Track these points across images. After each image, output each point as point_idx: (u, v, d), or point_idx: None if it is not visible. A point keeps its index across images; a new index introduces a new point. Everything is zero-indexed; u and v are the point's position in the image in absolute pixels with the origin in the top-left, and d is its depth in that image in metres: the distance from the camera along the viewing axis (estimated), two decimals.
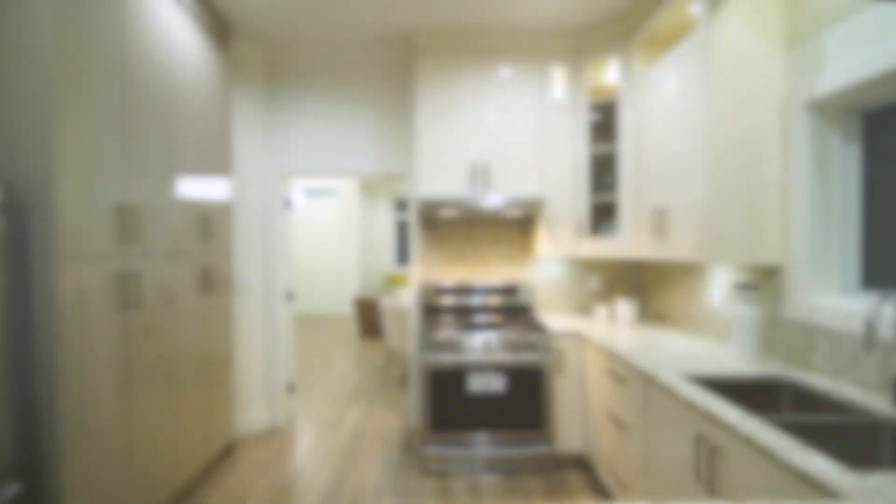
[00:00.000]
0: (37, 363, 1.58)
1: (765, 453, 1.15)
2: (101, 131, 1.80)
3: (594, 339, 2.50)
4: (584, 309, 3.34)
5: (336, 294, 8.91)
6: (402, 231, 9.86)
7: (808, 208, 1.84)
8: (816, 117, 1.83)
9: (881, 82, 1.56)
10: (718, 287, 2.41)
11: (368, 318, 6.64)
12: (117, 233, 1.89)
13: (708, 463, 1.42)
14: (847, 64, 1.64)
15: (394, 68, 3.35)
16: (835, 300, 1.78)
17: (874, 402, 1.43)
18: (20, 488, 1.52)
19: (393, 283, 9.13)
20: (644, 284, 3.29)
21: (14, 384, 1.52)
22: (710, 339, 2.42)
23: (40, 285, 1.58)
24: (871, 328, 1.30)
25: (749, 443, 1.21)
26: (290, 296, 3.47)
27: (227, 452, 2.93)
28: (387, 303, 4.38)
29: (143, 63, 2.06)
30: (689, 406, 1.53)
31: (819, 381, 1.66)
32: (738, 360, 1.97)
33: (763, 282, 2.08)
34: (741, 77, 1.96)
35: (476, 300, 3.26)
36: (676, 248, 2.26)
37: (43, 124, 1.57)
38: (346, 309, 8.89)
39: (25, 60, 1.57)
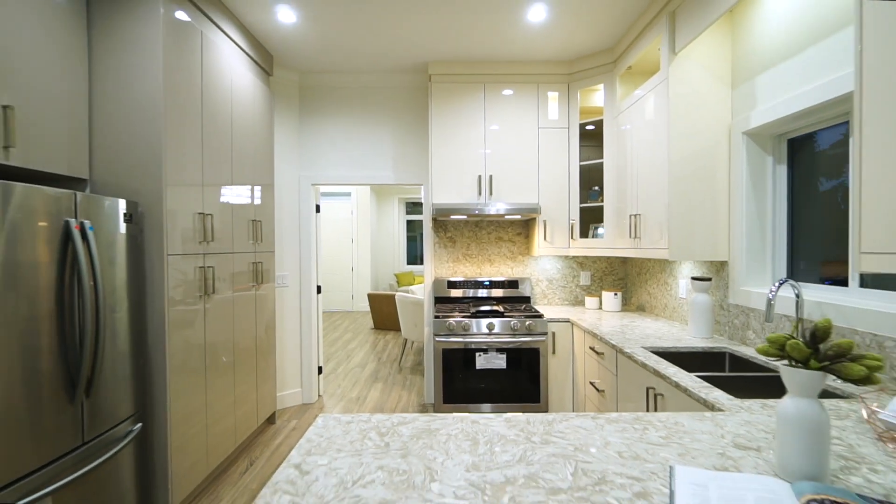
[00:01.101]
0: (151, 334, 2.10)
1: (686, 391, 1.64)
2: (188, 156, 2.32)
3: (581, 324, 2.98)
4: (576, 300, 3.83)
5: (349, 291, 9.43)
6: (411, 231, 10.36)
7: (746, 216, 2.32)
8: (752, 143, 2.31)
9: (795, 118, 2.04)
10: (683, 280, 2.89)
11: (382, 311, 7.15)
12: (198, 235, 2.40)
13: (654, 404, 1.90)
14: (771, 104, 2.11)
15: (409, 91, 3.85)
16: (765, 288, 2.25)
17: (780, 364, 1.91)
18: (141, 427, 2.03)
19: (403, 281, 9.63)
20: (628, 279, 3.77)
21: (134, 351, 2.03)
22: (678, 323, 2.90)
23: (153, 274, 2.09)
24: (770, 306, 1.77)
25: (677, 386, 1.70)
26: (319, 289, 3.97)
27: (271, 421, 3.44)
28: (401, 296, 4.88)
29: (214, 97, 2.57)
30: (643, 367, 2.01)
31: (747, 350, 2.14)
32: (693, 337, 2.45)
33: (714, 275, 2.56)
34: (695, 108, 2.44)
35: (482, 292, 3.75)
36: (648, 248, 2.74)
37: (155, 155, 2.08)
38: (360, 305, 9.41)
39: (144, 109, 2.08)
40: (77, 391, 1.66)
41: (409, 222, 10.50)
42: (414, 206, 10.57)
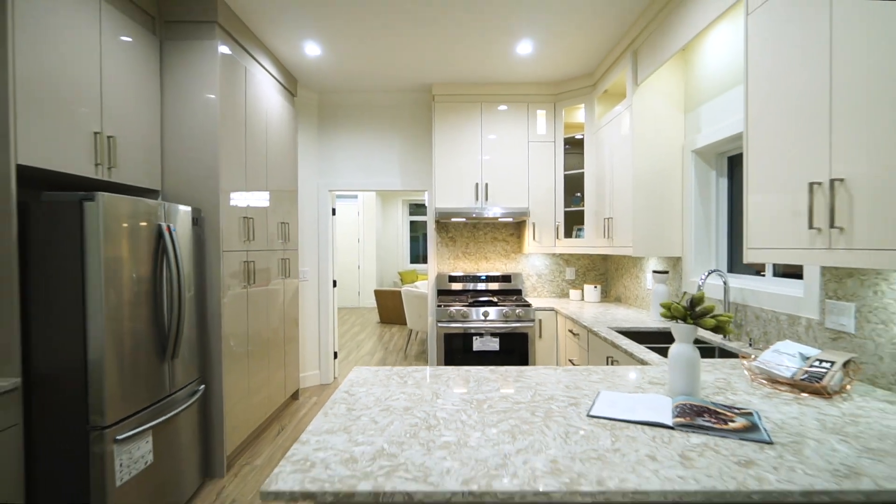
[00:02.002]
0: (210, 314, 2.60)
1: (631, 355, 2.13)
2: (235, 169, 2.82)
3: (563, 312, 3.47)
4: (562, 293, 4.33)
5: (356, 288, 9.93)
6: (413, 231, 10.86)
7: (695, 219, 2.81)
8: (699, 160, 2.80)
9: (728, 141, 2.53)
10: (649, 273, 3.38)
11: (388, 306, 7.65)
12: (243, 234, 2.91)
13: None
14: (711, 128, 2.61)
15: (414, 108, 4.35)
16: (714, 280, 2.74)
17: (715, 339, 2.41)
18: (204, 388, 2.53)
19: (406, 279, 10.12)
20: (607, 274, 4.26)
21: (199, 327, 2.54)
22: (645, 310, 3.39)
23: (211, 266, 2.60)
24: (699, 291, 2.26)
25: (625, 352, 2.20)
26: (335, 283, 4.48)
27: (295, 397, 3.95)
28: (407, 290, 5.38)
29: (253, 118, 3.08)
30: (605, 340, 2.51)
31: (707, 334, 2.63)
32: (653, 321, 2.95)
33: (671, 268, 3.05)
34: (655, 130, 2.93)
35: (479, 286, 4.25)
36: (618, 247, 3.23)
37: (213, 170, 2.59)
38: (366, 301, 9.91)
39: (204, 132, 2.59)
40: (166, 353, 2.17)
41: (411, 223, 10.99)
42: (416, 208, 11.06)
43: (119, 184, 2.24)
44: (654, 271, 3.01)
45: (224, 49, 2.68)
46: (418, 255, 11.16)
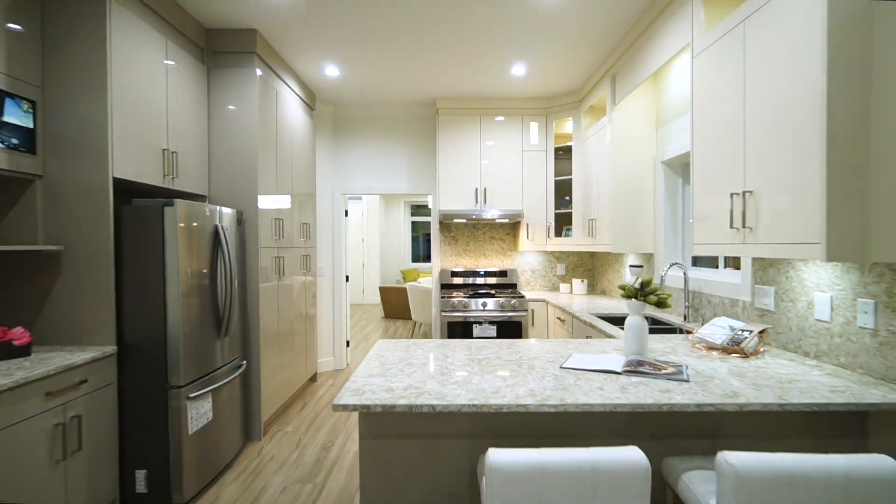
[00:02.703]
0: (249, 301, 3.05)
1: (602, 332, 2.59)
2: (269, 177, 3.27)
3: (553, 303, 3.93)
4: (553, 286, 4.78)
5: (361, 285, 10.38)
6: (414, 231, 11.30)
7: (664, 221, 3.27)
8: (668, 170, 3.26)
9: (689, 155, 2.99)
10: (627, 268, 3.84)
11: (392, 302, 8.11)
12: (275, 233, 3.36)
13: None
14: (677, 143, 3.07)
15: (420, 119, 4.81)
16: (677, 272, 3.20)
17: (677, 320, 2.87)
18: (245, 364, 2.98)
19: (408, 277, 10.57)
20: (594, 269, 4.72)
21: (241, 312, 2.98)
22: (624, 300, 3.85)
23: (251, 260, 3.05)
24: (662, 282, 2.72)
25: (599, 330, 2.65)
26: (347, 278, 4.93)
27: (314, 379, 4.40)
28: (412, 286, 5.83)
29: (282, 132, 3.52)
30: (584, 322, 2.97)
31: (660, 314, 3.09)
32: (627, 308, 3.40)
33: (646, 263, 3.51)
34: (631, 144, 3.39)
35: (478, 280, 4.70)
36: (600, 244, 3.68)
37: (252, 178, 3.04)
38: (370, 298, 10.36)
39: (244, 146, 3.04)
40: (220, 331, 2.62)
41: (413, 223, 11.44)
42: (417, 209, 11.50)
43: (179, 191, 2.70)
44: (631, 265, 3.46)
45: (260, 74, 3.13)
46: (419, 254, 11.60)
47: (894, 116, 1.46)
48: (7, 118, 1.96)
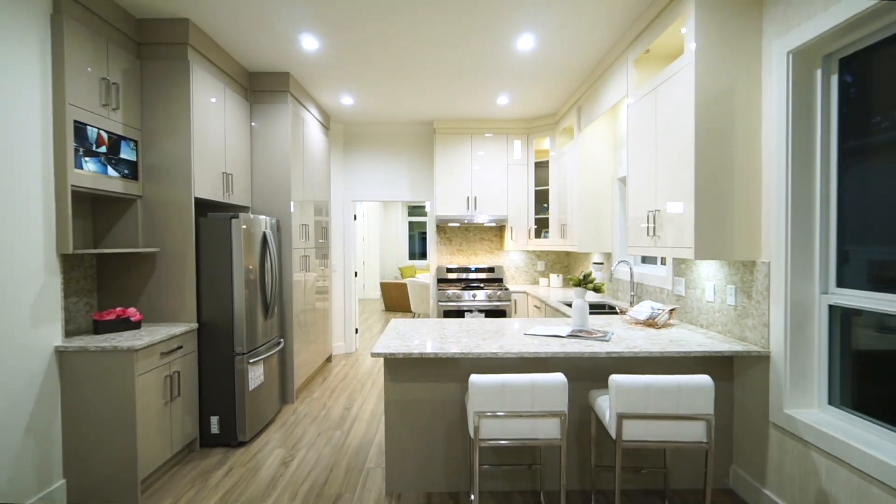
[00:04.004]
0: (285, 292, 3.79)
1: (563, 314, 3.35)
2: (297, 189, 3.99)
3: (532, 294, 4.69)
4: (534, 281, 5.55)
5: (361, 281, 11.10)
6: (411, 230, 12.03)
7: (619, 226, 4.03)
8: (621, 185, 4.02)
9: None
10: (593, 266, 4.61)
11: (392, 296, 8.84)
12: (302, 236, 4.09)
13: None
14: (625, 166, 3.82)
15: (419, 136, 5.54)
16: (625, 267, 3.97)
17: (625, 305, 3.64)
18: (282, 343, 3.72)
19: (405, 273, 11.30)
20: (569, 266, 5.49)
21: (277, 300, 3.71)
22: (591, 293, 4.62)
23: (286, 258, 3.78)
24: (611, 275, 3.49)
25: (562, 313, 3.42)
26: (356, 274, 5.66)
27: (329, 360, 5.14)
28: (411, 281, 6.57)
29: (306, 150, 4.25)
30: (553, 308, 3.73)
31: (614, 301, 3.87)
32: (590, 298, 4.18)
33: (606, 261, 4.28)
34: (594, 163, 4.14)
35: (470, 275, 5.45)
36: (570, 245, 4.44)
37: (285, 191, 3.77)
38: (370, 293, 11.08)
39: (279, 164, 3.77)
40: (267, 313, 3.35)
41: (409, 223, 12.16)
42: (413, 209, 12.22)
43: (233, 204, 3.43)
44: (594, 262, 4.23)
45: (291, 107, 3.85)
46: (415, 252, 12.33)
47: (745, 160, 2.23)
48: (122, 155, 2.68)
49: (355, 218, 5.67)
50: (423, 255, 12.34)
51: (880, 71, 1.80)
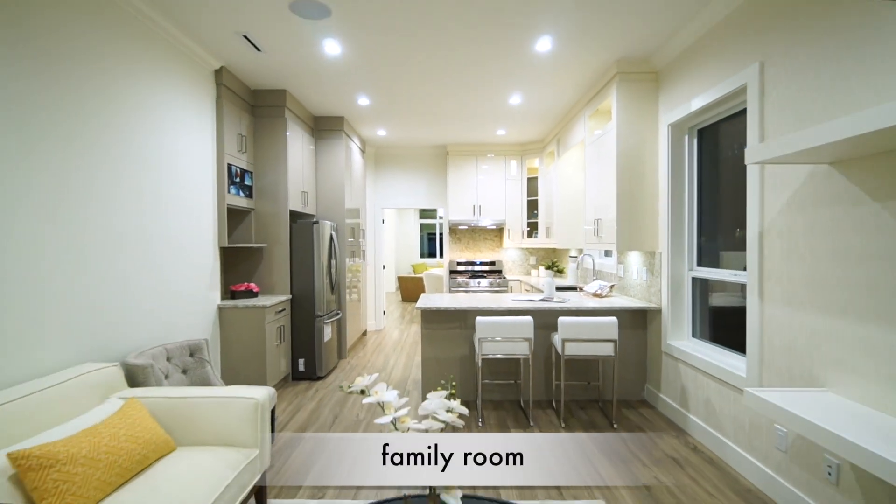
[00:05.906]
0: (341, 276, 5.16)
1: (542, 291, 4.70)
2: (348, 199, 5.36)
3: (524, 281, 6.02)
4: (527, 272, 6.89)
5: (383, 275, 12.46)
6: (423, 230, 13.38)
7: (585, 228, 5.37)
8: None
9: None
10: (569, 257, 5.95)
11: (408, 288, 10.21)
12: (350, 235, 5.45)
13: None
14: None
15: (435, 157, 6.90)
16: (589, 259, 5.30)
17: (590, 289, 4.99)
18: (340, 314, 5.08)
19: (418, 269, 12.65)
20: (556, 260, 6.83)
21: (337, 283, 5.07)
22: (572, 280, 5.96)
23: (342, 252, 5.16)
24: (578, 265, 4.82)
25: (540, 290, 4.77)
26: (384, 266, 7.02)
27: (364, 334, 6.52)
28: (427, 273, 7.93)
29: (351, 170, 5.61)
30: (538, 289, 5.07)
31: (582, 284, 5.22)
32: (567, 282, 5.52)
33: (578, 254, 5.62)
34: (570, 184, 5.47)
35: (476, 268, 6.80)
36: (553, 242, 5.77)
37: (341, 201, 5.14)
38: (388, 287, 12.44)
39: (336, 181, 5.15)
40: (333, 290, 4.72)
41: (421, 225, 13.51)
42: (424, 212, 13.57)
43: (307, 213, 4.80)
44: (570, 256, 5.56)
45: (347, 140, 5.22)
46: (425, 251, 13.68)
47: (648, 188, 3.57)
48: (246, 182, 4.06)
49: (383, 222, 7.03)
50: (432, 254, 13.69)
51: (718, 138, 3.13)
